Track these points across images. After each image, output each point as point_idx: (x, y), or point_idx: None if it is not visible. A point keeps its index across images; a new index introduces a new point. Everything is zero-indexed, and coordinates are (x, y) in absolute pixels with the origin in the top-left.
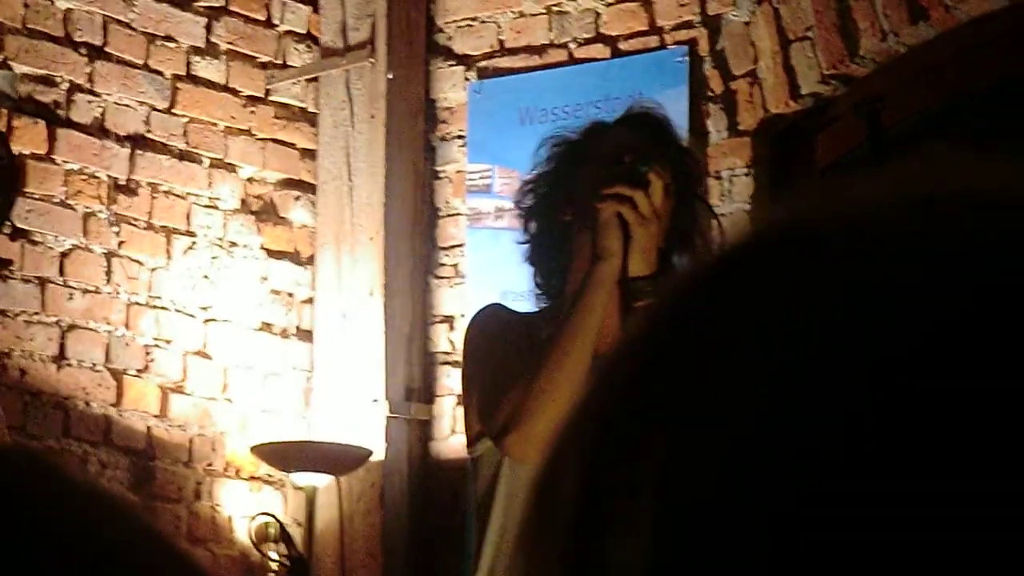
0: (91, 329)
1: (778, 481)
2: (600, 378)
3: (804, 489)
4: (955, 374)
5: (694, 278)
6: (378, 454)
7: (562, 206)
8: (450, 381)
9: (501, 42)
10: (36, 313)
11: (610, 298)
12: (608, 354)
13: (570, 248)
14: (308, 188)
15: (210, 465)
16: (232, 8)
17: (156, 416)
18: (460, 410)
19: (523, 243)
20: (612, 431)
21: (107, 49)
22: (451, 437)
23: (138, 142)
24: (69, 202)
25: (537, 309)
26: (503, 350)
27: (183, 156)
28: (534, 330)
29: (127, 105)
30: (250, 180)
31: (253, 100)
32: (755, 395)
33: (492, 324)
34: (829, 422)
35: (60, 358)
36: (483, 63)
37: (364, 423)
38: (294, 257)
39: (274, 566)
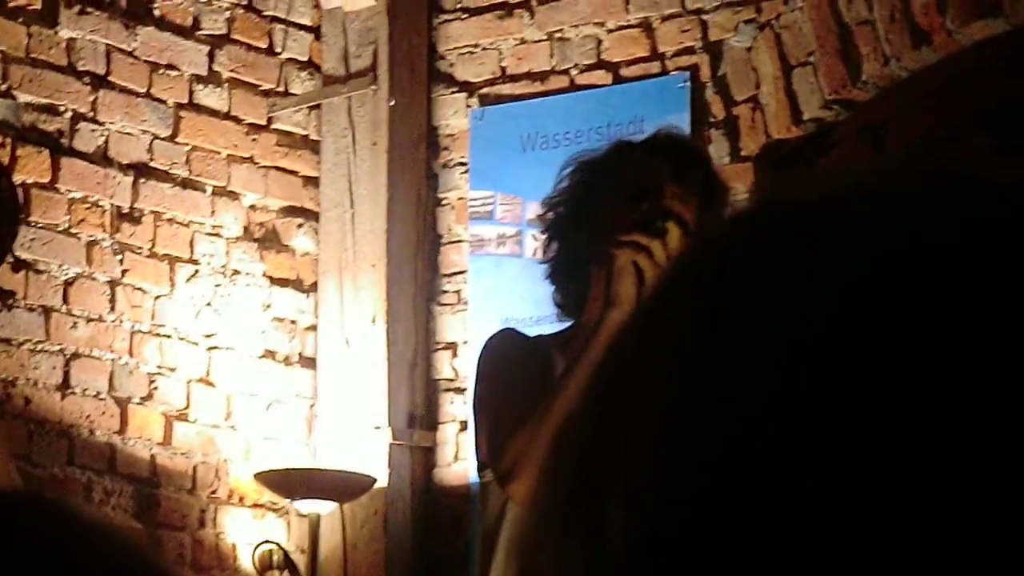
0: (95, 357)
1: (784, 459)
2: (606, 355)
3: (812, 467)
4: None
5: (692, 258)
6: (381, 481)
7: (581, 232)
8: (453, 408)
9: (503, 68)
10: (40, 342)
11: None
12: (616, 333)
13: (589, 272)
14: (311, 216)
15: (214, 493)
16: (234, 36)
17: (160, 444)
18: (463, 437)
19: (543, 262)
20: (615, 404)
21: (110, 78)
22: (454, 464)
23: (141, 170)
24: (73, 231)
25: (552, 332)
26: (512, 384)
27: (186, 184)
28: (547, 357)
29: (130, 133)
30: (253, 208)
31: (255, 128)
32: (763, 372)
33: (504, 351)
34: (839, 401)
35: (64, 386)
36: (485, 90)
37: (367, 450)
38: (297, 284)
39: None
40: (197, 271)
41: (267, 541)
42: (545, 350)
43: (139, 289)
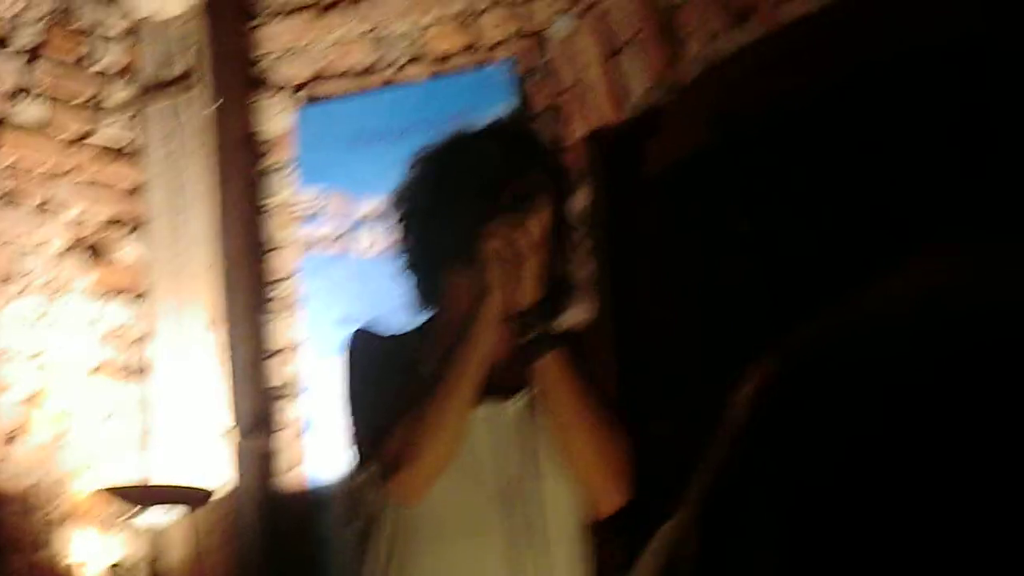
0: None
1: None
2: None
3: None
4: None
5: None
6: (225, 488)
7: (433, 224)
8: (292, 411)
9: (323, 67)
10: None
11: (497, 333)
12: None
13: (445, 261)
14: (138, 225)
15: (55, 511)
16: (49, 48)
17: None
18: (302, 441)
19: (399, 255)
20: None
21: None
22: (296, 467)
23: None
24: None
25: (413, 327)
26: (382, 378)
27: (8, 201)
28: (410, 352)
29: None
30: (77, 222)
31: (76, 140)
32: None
33: (366, 352)
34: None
35: None
36: (306, 90)
37: (209, 457)
38: (125, 296)
39: None
40: (25, 288)
41: (112, 562)
42: (407, 344)
43: None
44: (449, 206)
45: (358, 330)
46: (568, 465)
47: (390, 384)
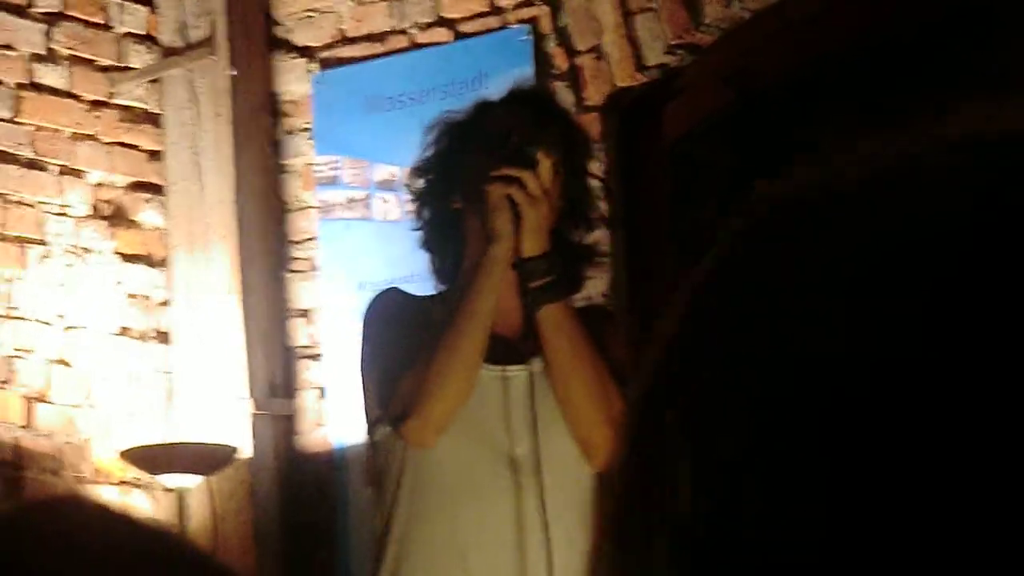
0: None
1: (815, 439)
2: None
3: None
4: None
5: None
6: (245, 451)
7: (451, 192)
8: (311, 375)
9: (342, 31)
10: None
11: (504, 280)
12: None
13: (462, 233)
14: (158, 190)
15: (79, 472)
16: (69, 13)
17: (22, 427)
18: (323, 403)
19: (416, 229)
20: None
21: None
22: (315, 430)
23: None
24: None
25: (433, 292)
26: (400, 336)
27: (31, 165)
28: (430, 314)
29: None
30: (99, 185)
31: (97, 104)
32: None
33: (388, 310)
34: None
35: None
36: (325, 53)
37: (228, 421)
38: (148, 260)
39: None
40: (48, 252)
41: None
42: (427, 307)
43: None
44: (461, 174)
45: (384, 290)
46: (565, 417)
47: (405, 340)
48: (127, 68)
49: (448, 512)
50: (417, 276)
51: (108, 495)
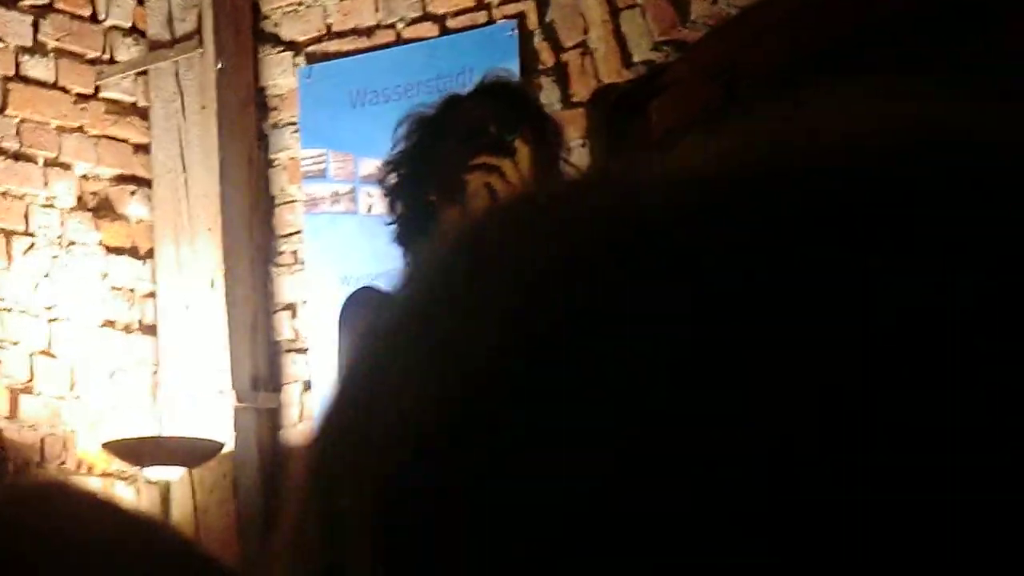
0: None
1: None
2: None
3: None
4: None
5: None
6: (228, 445)
7: (426, 185)
8: (296, 368)
9: (328, 26)
10: None
11: None
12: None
13: (437, 226)
14: (144, 182)
15: (63, 464)
16: (57, 5)
17: (6, 418)
18: (307, 397)
19: (390, 224)
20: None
21: None
22: (300, 424)
23: None
24: None
25: None
26: None
27: (18, 157)
28: None
29: None
30: (85, 177)
31: (84, 97)
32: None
33: (363, 310)
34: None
35: None
36: (311, 48)
37: (213, 414)
38: (133, 252)
39: None
40: (33, 243)
41: None
42: None
43: None
44: (434, 168)
45: (358, 289)
46: None
47: None
48: (114, 61)
49: None
50: (400, 271)
51: (92, 487)
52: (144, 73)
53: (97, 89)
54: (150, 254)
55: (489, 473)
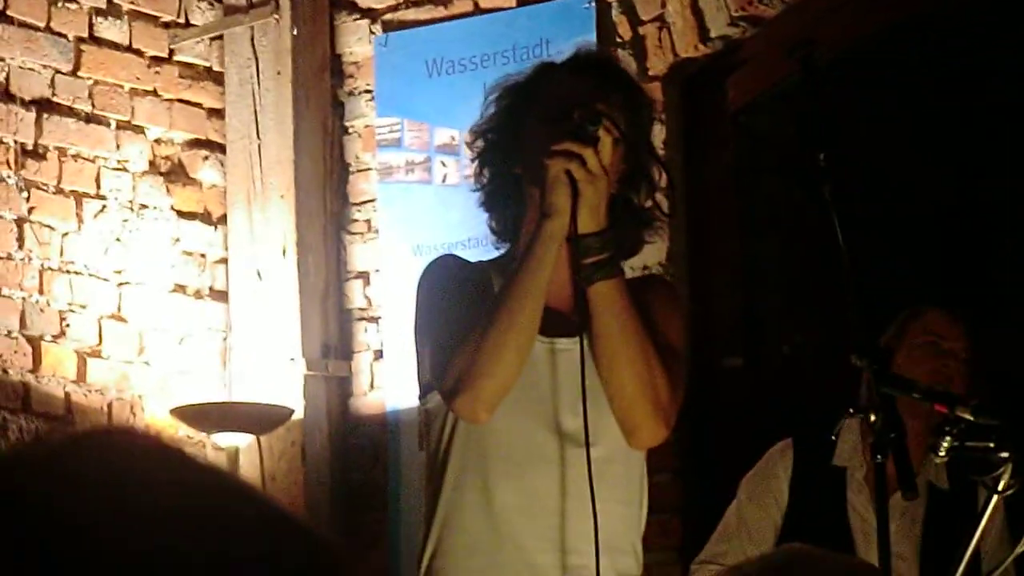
0: (5, 296)
1: None
2: None
3: None
4: None
5: None
6: (298, 412)
7: (512, 156)
8: (366, 336)
9: None
10: None
11: (559, 255)
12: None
13: (522, 196)
14: (217, 147)
15: None
16: None
17: (74, 382)
18: (378, 365)
19: (476, 189)
20: None
21: (8, 12)
22: (369, 393)
23: (44, 106)
24: None
25: (490, 258)
26: (453, 305)
27: (90, 119)
28: (487, 281)
29: (31, 69)
30: (158, 141)
31: (157, 60)
32: None
33: (444, 276)
34: None
35: None
36: (388, 16)
37: (282, 381)
38: (205, 217)
39: None
40: (104, 207)
41: None
42: (484, 273)
43: (47, 226)
44: (522, 136)
45: (440, 256)
46: (607, 392)
47: (460, 309)
48: (189, 24)
49: (495, 481)
50: (475, 240)
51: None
52: (219, 38)
53: (171, 52)
54: (222, 220)
55: None
